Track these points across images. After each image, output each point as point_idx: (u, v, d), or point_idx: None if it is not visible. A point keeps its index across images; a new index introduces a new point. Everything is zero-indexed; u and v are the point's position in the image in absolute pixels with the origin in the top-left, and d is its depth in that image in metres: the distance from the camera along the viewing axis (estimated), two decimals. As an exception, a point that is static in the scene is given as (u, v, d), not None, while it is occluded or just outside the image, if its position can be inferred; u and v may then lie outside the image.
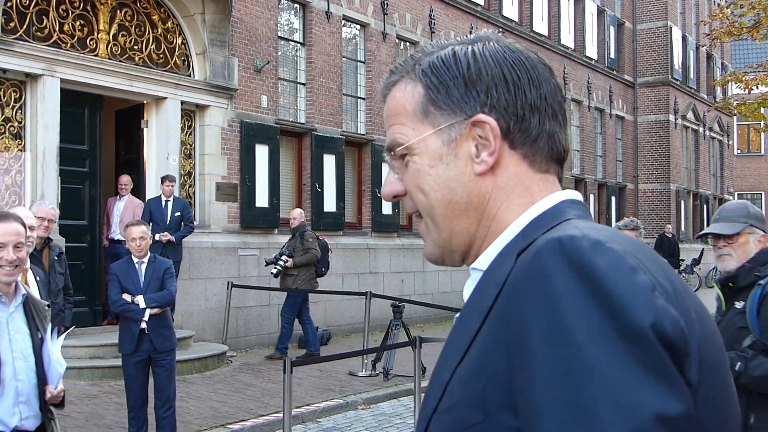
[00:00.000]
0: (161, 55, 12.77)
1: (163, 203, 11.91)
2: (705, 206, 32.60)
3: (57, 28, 11.38)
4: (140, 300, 7.30)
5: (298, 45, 15.38)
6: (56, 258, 7.21)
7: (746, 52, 38.47)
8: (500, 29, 21.24)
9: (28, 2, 11.06)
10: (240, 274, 13.10)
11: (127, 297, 7.33)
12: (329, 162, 15.45)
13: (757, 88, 19.67)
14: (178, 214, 11.91)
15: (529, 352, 0.99)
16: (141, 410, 7.33)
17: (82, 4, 11.71)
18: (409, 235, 17.57)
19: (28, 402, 4.10)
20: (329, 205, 15.43)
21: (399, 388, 10.58)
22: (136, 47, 12.41)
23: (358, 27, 16.75)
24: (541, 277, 1.01)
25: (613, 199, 27.62)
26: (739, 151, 37.21)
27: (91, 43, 11.80)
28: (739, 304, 3.73)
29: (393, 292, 15.91)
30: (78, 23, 11.64)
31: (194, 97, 13.01)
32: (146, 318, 7.27)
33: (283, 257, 12.30)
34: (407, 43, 18.09)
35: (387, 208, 16.85)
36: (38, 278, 5.94)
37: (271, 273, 12.31)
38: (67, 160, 11.47)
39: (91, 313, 12.07)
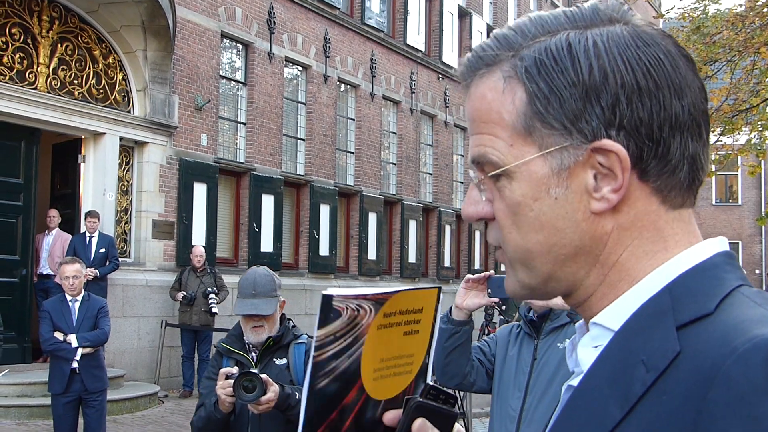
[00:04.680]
0: (101, 91, 12.68)
1: (87, 240, 11.68)
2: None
3: (-5, 60, 11.27)
4: (72, 339, 7.21)
5: (240, 84, 15.42)
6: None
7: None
8: (439, 75, 21.60)
9: (-34, 33, 10.95)
10: (175, 312, 12.95)
11: (59, 335, 7.23)
12: (267, 202, 15.45)
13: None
14: (102, 250, 11.66)
15: None
16: (69, 452, 7.22)
17: (22, 37, 11.60)
18: (345, 277, 17.59)
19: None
20: (266, 245, 15.39)
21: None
22: (75, 82, 12.31)
23: (299, 68, 16.88)
24: (754, 405, 0.75)
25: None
26: (718, 200, 37.51)
27: (30, 76, 11.69)
28: (280, 361, 4.07)
29: (328, 333, 15.85)
30: (18, 56, 11.53)
31: (133, 133, 12.93)
32: (78, 357, 7.18)
33: (212, 295, 12.36)
34: (348, 86, 18.26)
35: (324, 250, 16.87)
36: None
37: (214, 311, 12.39)
38: (1, 193, 11.28)
39: (21, 350, 11.80)
